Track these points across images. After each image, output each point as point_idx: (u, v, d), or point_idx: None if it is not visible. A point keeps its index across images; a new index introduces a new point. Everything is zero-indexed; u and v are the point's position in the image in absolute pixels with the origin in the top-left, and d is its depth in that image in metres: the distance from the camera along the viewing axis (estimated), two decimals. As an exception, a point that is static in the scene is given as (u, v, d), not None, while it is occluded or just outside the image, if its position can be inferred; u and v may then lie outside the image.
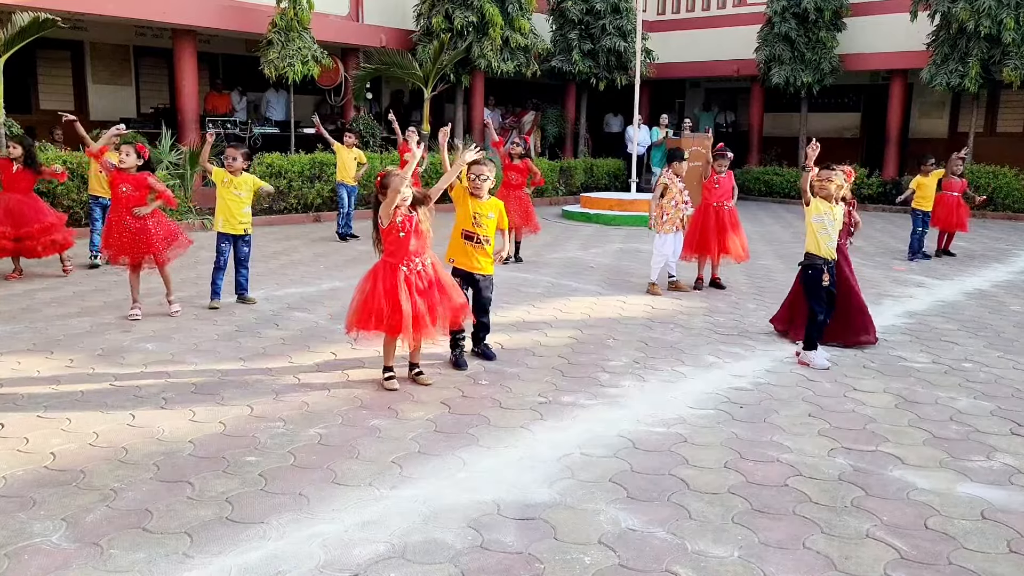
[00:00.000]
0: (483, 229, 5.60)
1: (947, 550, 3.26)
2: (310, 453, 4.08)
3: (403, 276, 4.94)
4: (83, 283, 8.17)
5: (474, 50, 16.22)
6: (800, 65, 18.03)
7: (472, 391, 5.12)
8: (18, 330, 6.30)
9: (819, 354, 5.81)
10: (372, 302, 4.90)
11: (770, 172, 19.38)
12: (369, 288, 4.97)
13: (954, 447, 4.34)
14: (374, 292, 4.92)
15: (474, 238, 5.60)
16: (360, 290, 5.02)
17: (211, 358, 5.71)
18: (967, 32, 15.49)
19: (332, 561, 3.08)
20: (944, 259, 10.92)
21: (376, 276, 4.99)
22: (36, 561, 3.03)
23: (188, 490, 3.64)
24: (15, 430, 4.29)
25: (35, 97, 15.38)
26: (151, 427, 4.38)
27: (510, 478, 3.84)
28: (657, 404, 4.94)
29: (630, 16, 18.38)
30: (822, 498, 3.70)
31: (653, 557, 3.16)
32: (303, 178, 13.46)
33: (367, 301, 4.93)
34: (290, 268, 9.31)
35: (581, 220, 14.80)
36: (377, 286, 4.93)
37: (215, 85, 16.74)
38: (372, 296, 4.91)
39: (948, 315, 7.54)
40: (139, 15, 13.21)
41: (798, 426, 4.61)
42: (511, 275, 9.05)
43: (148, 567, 3.01)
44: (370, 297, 4.92)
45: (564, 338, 6.44)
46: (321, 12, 14.70)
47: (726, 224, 8.42)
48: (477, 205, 5.59)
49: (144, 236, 6.72)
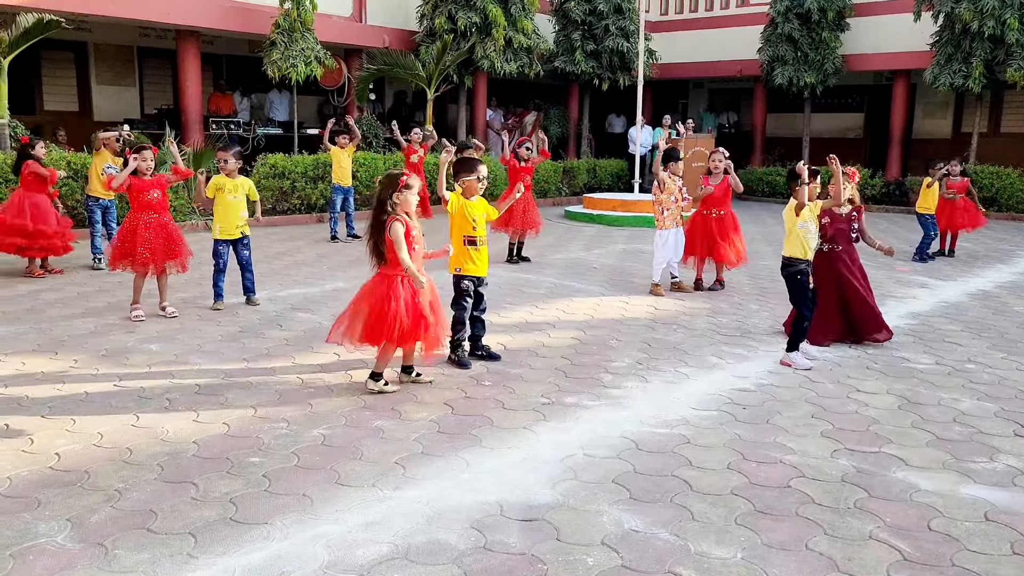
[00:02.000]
0: (481, 230, 5.65)
1: (950, 552, 3.26)
2: (314, 454, 4.09)
3: (404, 284, 4.92)
4: (87, 284, 8.19)
5: (477, 51, 16.23)
6: (803, 65, 18.01)
7: (475, 392, 5.12)
8: (23, 331, 6.32)
9: (801, 356, 5.84)
10: (396, 319, 4.81)
11: (773, 172, 19.35)
12: (393, 307, 4.83)
13: (957, 449, 4.34)
14: (396, 308, 4.82)
15: (476, 241, 5.63)
16: (375, 306, 4.87)
17: (215, 359, 5.72)
18: (971, 32, 15.47)
19: (336, 562, 3.08)
20: (947, 259, 10.90)
21: (392, 291, 4.87)
22: (41, 561, 3.05)
23: (192, 491, 3.65)
24: (20, 431, 4.31)
25: (39, 98, 15.42)
26: (155, 428, 4.40)
27: (513, 479, 3.85)
28: (660, 405, 4.95)
29: (633, 17, 18.38)
30: (825, 499, 3.70)
31: (656, 558, 3.16)
32: (306, 179, 13.47)
33: (389, 318, 4.81)
34: (293, 269, 9.32)
35: (584, 221, 14.80)
36: (399, 303, 4.84)
37: (219, 86, 16.76)
38: (396, 313, 4.81)
39: (951, 316, 7.53)
40: (143, 16, 13.24)
41: (801, 427, 4.61)
42: (514, 276, 9.06)
43: (152, 568, 3.02)
44: (394, 315, 4.81)
45: (567, 339, 6.45)
46: (324, 13, 14.72)
47: (714, 232, 8.39)
48: (473, 209, 5.62)
49: (173, 241, 6.84)
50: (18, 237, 8.17)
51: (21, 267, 8.58)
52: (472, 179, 5.61)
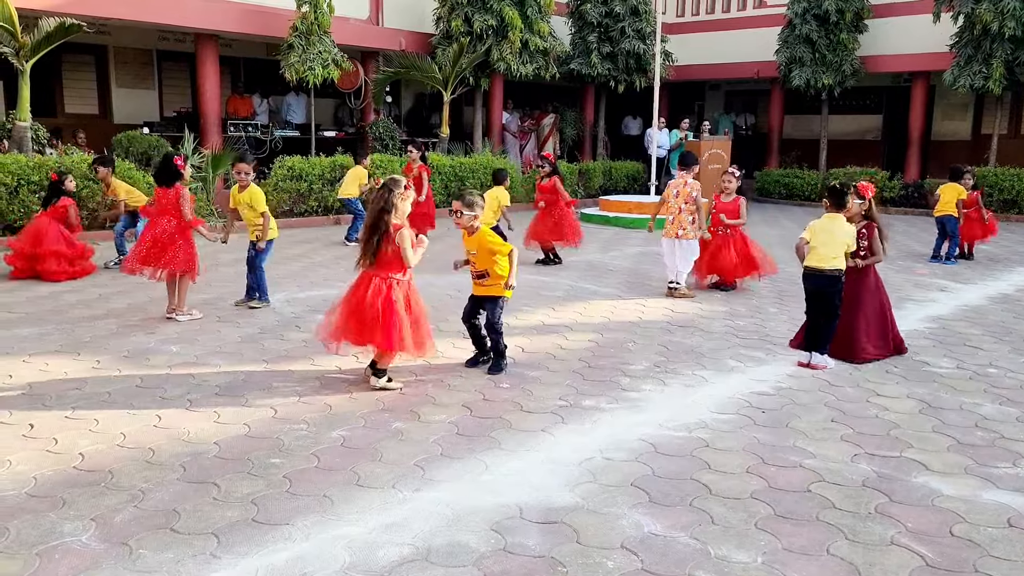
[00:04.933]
0: (474, 266, 5.62)
1: (973, 557, 3.24)
2: (334, 455, 4.12)
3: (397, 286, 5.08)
4: (108, 286, 8.27)
5: (493, 53, 16.26)
6: (821, 67, 17.93)
7: (493, 394, 5.13)
8: (47, 332, 6.39)
9: (826, 357, 5.84)
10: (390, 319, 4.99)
11: (790, 175, 19.26)
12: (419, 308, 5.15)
13: (979, 453, 4.31)
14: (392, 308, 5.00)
15: (472, 274, 5.66)
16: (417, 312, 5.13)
17: (235, 360, 5.76)
18: (991, 33, 15.34)
19: (357, 563, 3.10)
20: (967, 262, 10.81)
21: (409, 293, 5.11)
22: (66, 561, 3.08)
23: (214, 491, 3.68)
24: (45, 431, 4.36)
25: (60, 101, 15.59)
26: (177, 428, 4.44)
27: (532, 481, 3.86)
28: (678, 408, 4.94)
29: (649, 19, 18.36)
30: (846, 504, 3.69)
31: (676, 562, 3.16)
32: (323, 181, 13.54)
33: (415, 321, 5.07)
34: (311, 271, 9.37)
35: (600, 223, 14.77)
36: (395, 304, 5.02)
37: (236, 89, 16.90)
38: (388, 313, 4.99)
39: (972, 320, 7.47)
40: (162, 20, 13.37)
41: (821, 431, 4.59)
42: (531, 279, 9.07)
43: (176, 567, 3.05)
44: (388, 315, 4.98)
45: (584, 342, 6.45)
46: (341, 16, 14.80)
47: (722, 248, 8.41)
48: (466, 242, 5.66)
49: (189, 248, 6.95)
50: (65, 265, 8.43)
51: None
52: (450, 212, 5.73)
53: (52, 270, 8.33)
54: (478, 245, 5.53)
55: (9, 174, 10.29)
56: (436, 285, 8.37)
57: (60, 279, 8.33)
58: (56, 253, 8.35)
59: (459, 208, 5.49)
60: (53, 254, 8.34)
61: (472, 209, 5.49)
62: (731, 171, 8.67)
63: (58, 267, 8.36)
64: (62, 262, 8.41)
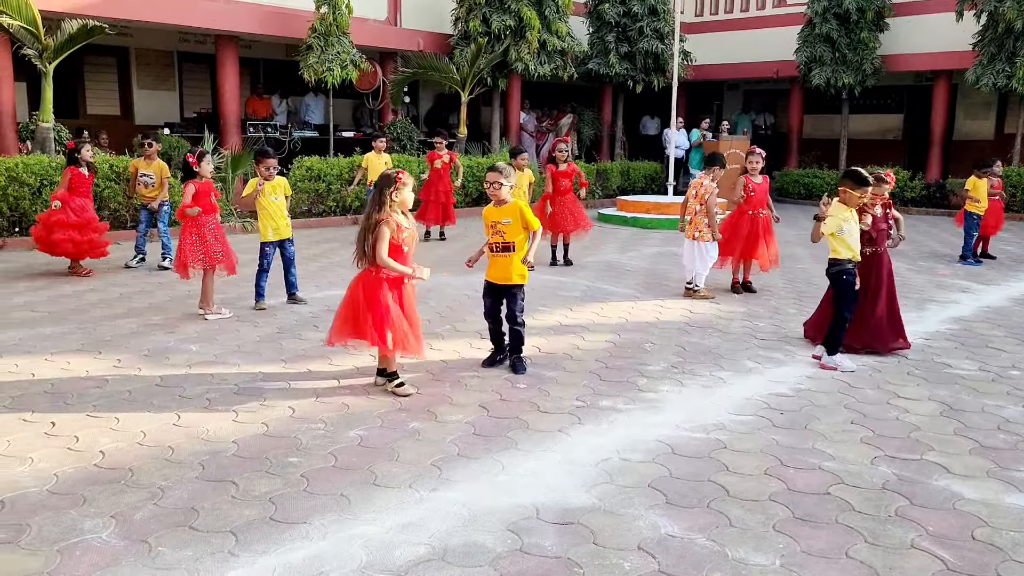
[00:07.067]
0: (502, 236, 5.59)
1: (995, 561, 3.20)
2: (351, 454, 4.13)
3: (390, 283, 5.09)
4: (129, 285, 8.35)
5: (511, 53, 16.27)
6: (841, 66, 17.78)
7: (510, 395, 5.13)
8: (68, 330, 6.46)
9: (844, 357, 5.80)
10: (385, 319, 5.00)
11: (809, 175, 19.12)
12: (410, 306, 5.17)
13: (1001, 456, 4.26)
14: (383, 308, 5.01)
15: (495, 247, 5.63)
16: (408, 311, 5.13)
17: (253, 359, 5.80)
18: (1015, 31, 15.16)
19: (374, 562, 3.11)
20: (989, 263, 10.69)
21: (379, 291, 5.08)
22: (87, 558, 3.11)
23: (233, 489, 3.71)
24: (66, 429, 4.41)
25: (83, 102, 15.77)
26: (196, 427, 4.47)
27: (549, 482, 3.85)
28: (696, 409, 4.92)
29: (667, 18, 18.30)
30: (865, 507, 3.65)
31: (693, 564, 3.15)
32: (341, 181, 13.60)
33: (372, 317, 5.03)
34: (329, 270, 9.42)
35: (618, 223, 14.73)
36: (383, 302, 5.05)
37: (256, 90, 17.01)
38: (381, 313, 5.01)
39: (994, 321, 7.38)
40: (183, 21, 13.49)
41: (840, 433, 4.55)
42: (548, 278, 9.06)
43: (195, 565, 3.07)
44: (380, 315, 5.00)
45: (601, 342, 6.43)
46: (360, 17, 14.87)
47: (759, 232, 8.32)
48: (494, 214, 5.63)
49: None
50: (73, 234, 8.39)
51: (65, 268, 8.77)
52: (487, 186, 5.72)
53: (57, 239, 8.31)
54: (513, 215, 5.59)
55: (33, 175, 10.42)
56: (452, 285, 8.38)
57: (67, 249, 8.38)
58: (62, 223, 8.30)
59: (497, 179, 5.58)
60: (58, 223, 8.31)
61: (509, 179, 5.63)
62: (758, 152, 8.60)
63: (64, 236, 8.31)
64: (68, 231, 8.33)
